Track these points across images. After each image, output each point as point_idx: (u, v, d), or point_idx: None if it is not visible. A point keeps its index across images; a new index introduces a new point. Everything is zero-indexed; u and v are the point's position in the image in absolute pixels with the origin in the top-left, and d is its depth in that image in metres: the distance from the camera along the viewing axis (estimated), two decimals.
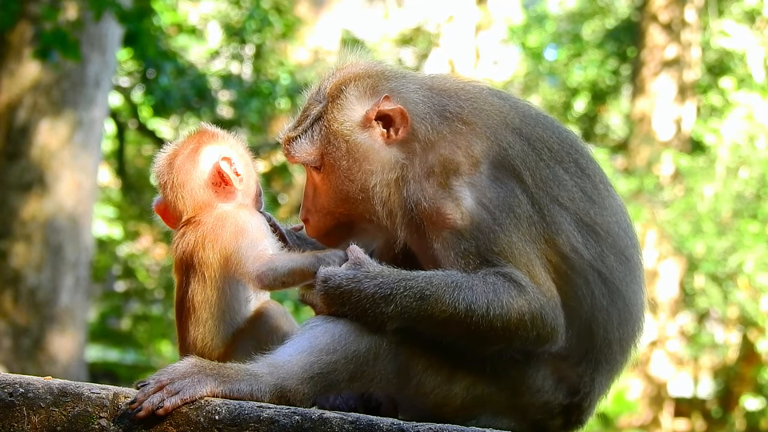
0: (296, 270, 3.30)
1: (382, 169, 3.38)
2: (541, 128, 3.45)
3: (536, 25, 23.11)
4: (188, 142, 3.58)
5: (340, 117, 3.43)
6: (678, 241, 16.63)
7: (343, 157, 3.40)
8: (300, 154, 3.46)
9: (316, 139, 3.45)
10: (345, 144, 3.41)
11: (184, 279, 3.43)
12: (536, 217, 3.29)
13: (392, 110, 3.38)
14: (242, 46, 17.16)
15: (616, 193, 3.54)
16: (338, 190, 3.43)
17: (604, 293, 3.35)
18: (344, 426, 2.95)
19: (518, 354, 3.28)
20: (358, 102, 3.44)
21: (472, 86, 3.53)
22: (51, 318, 11.67)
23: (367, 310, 3.16)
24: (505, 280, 3.20)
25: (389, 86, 3.45)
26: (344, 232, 3.51)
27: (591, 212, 3.37)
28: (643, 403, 17.74)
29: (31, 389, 3.04)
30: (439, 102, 3.43)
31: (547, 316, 3.22)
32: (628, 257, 3.43)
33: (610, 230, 3.40)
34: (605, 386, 3.49)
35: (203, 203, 3.49)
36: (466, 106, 3.42)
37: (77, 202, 11.93)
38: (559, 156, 3.40)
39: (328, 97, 3.48)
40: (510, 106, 3.48)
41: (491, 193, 3.28)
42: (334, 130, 3.42)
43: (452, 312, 3.15)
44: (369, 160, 3.39)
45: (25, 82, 11.69)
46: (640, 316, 3.48)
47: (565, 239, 3.30)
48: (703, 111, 20.03)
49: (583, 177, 3.42)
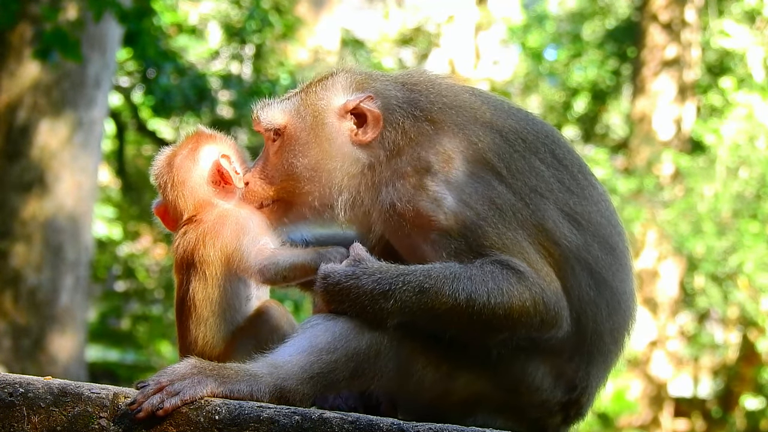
0: (298, 265, 3.31)
1: (342, 159, 3.40)
2: (513, 120, 3.44)
3: (536, 25, 23.12)
4: (186, 143, 3.60)
5: (321, 94, 3.47)
6: (678, 241, 16.63)
7: (305, 130, 3.44)
8: (266, 118, 3.51)
9: (287, 110, 3.50)
10: (313, 119, 3.44)
11: (185, 278, 3.43)
12: (519, 204, 3.28)
13: (371, 112, 3.40)
14: (242, 46, 17.16)
15: (597, 182, 3.52)
16: (288, 163, 3.45)
17: (591, 284, 3.33)
18: (344, 426, 2.95)
19: (524, 342, 3.25)
20: (342, 90, 3.48)
21: (445, 83, 3.54)
22: (51, 318, 11.67)
23: (366, 307, 3.16)
24: (503, 267, 3.19)
25: (375, 87, 3.48)
26: (280, 210, 3.51)
27: (570, 202, 3.36)
28: (643, 403, 17.75)
29: (31, 389, 3.04)
30: (411, 101, 3.43)
31: (549, 300, 3.21)
32: (613, 246, 3.41)
33: (592, 219, 3.38)
34: (601, 378, 3.48)
35: (204, 201, 3.50)
36: (436, 102, 3.42)
37: (77, 202, 11.93)
38: (534, 147, 3.39)
39: (315, 80, 3.53)
40: (482, 101, 3.48)
41: (469, 188, 3.28)
42: (309, 102, 3.46)
43: (453, 303, 3.15)
44: (330, 143, 3.41)
45: (25, 82, 11.69)
46: (630, 305, 3.46)
47: (552, 225, 3.30)
48: (703, 111, 20.04)
49: (560, 168, 3.40)
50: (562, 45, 22.90)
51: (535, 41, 23.01)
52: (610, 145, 22.40)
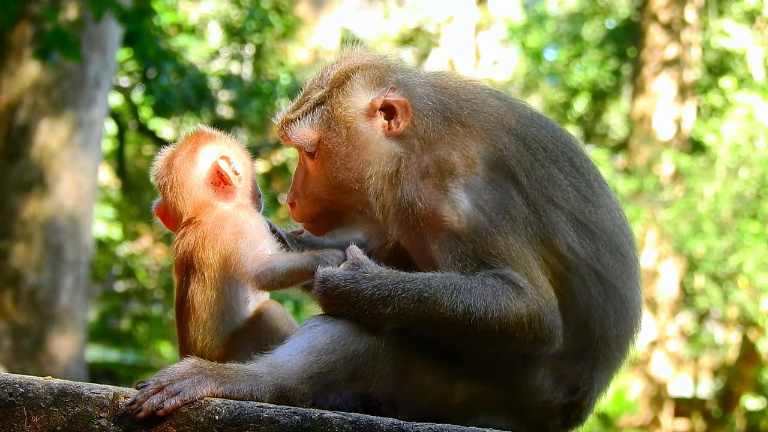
0: (295, 270, 3.30)
1: (379, 160, 3.36)
2: (536, 128, 3.44)
3: (536, 25, 23.10)
4: (186, 143, 3.58)
5: (345, 103, 3.40)
6: (678, 241, 16.63)
7: (343, 144, 3.38)
8: (297, 136, 3.42)
9: (316, 123, 3.41)
10: (346, 130, 3.38)
11: (184, 279, 3.43)
12: (532, 217, 3.28)
13: (397, 101, 3.36)
14: (242, 46, 17.16)
15: (611, 190, 3.54)
16: (332, 177, 3.40)
17: (600, 291, 3.34)
18: (344, 426, 2.95)
19: (515, 357, 3.28)
20: (363, 90, 3.42)
21: (473, 86, 3.52)
22: (51, 318, 11.68)
23: (364, 311, 3.15)
24: (503, 282, 3.20)
25: (396, 78, 3.44)
26: (331, 220, 3.49)
27: (586, 211, 3.37)
28: (643, 403, 17.74)
29: (31, 389, 3.04)
30: (440, 100, 3.41)
31: (545, 318, 3.22)
32: (624, 254, 3.43)
33: (605, 228, 3.39)
34: (604, 384, 3.48)
35: (203, 203, 3.49)
36: (465, 106, 3.41)
37: (77, 203, 11.93)
38: (554, 155, 3.40)
39: (332, 83, 3.44)
40: (507, 106, 3.47)
41: (487, 195, 3.28)
42: (337, 115, 3.39)
43: (450, 314, 3.15)
44: (368, 149, 3.37)
45: (25, 82, 11.69)
46: (637, 313, 3.48)
47: (561, 239, 3.30)
48: (703, 111, 20.03)
49: (577, 176, 3.41)
50: (562, 45, 22.88)
51: (535, 41, 22.99)
52: (610, 145, 22.40)
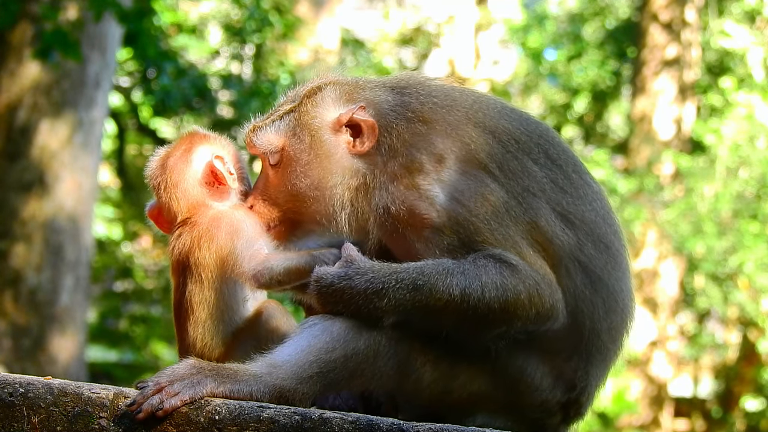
0: (292, 269, 3.31)
1: (342, 174, 3.38)
2: (506, 120, 3.43)
3: (536, 26, 23.09)
4: (180, 144, 3.58)
5: (313, 112, 3.44)
6: (678, 241, 16.63)
7: (305, 151, 3.41)
8: (262, 142, 3.45)
9: (281, 130, 3.45)
10: (310, 138, 3.41)
11: (182, 280, 3.42)
12: (512, 202, 3.28)
13: (365, 122, 3.39)
14: (242, 46, 17.16)
15: (593, 181, 3.52)
16: (291, 185, 3.42)
17: (586, 283, 3.33)
18: (344, 426, 2.95)
19: (521, 335, 3.24)
20: (333, 104, 3.45)
21: (436, 83, 3.53)
22: (51, 318, 11.67)
23: (361, 307, 3.15)
24: (496, 261, 3.19)
25: (365, 95, 3.46)
26: (289, 228, 3.50)
27: (563, 202, 3.35)
28: (643, 403, 17.75)
29: (31, 389, 3.04)
30: (402, 102, 3.43)
31: (543, 292, 3.20)
32: (608, 244, 3.41)
33: (585, 218, 3.37)
34: (601, 377, 3.47)
35: (197, 203, 3.49)
36: (426, 101, 3.41)
37: (77, 203, 11.93)
38: (527, 147, 3.39)
39: (303, 96, 3.49)
40: (473, 100, 3.47)
41: (462, 185, 3.28)
42: (303, 122, 3.43)
43: (447, 299, 3.14)
44: (330, 160, 3.39)
45: (25, 82, 11.69)
46: (627, 304, 3.45)
47: (545, 223, 3.30)
48: (703, 111, 20.04)
49: (553, 167, 3.40)
50: (562, 45, 22.87)
51: (535, 41, 22.98)
52: (610, 145, 22.39)
